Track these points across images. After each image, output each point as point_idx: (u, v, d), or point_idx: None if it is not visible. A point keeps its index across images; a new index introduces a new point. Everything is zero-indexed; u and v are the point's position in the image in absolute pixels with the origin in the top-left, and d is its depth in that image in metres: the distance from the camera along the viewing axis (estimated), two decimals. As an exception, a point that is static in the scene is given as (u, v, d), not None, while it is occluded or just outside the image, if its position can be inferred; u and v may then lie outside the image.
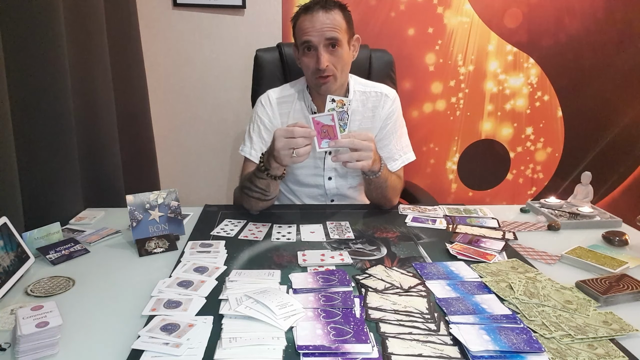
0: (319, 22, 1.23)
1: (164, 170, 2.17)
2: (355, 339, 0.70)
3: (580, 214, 1.28)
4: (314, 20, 1.24)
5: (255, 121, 1.41)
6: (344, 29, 1.27)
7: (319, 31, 1.23)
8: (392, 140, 1.41)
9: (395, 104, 1.42)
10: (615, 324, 0.77)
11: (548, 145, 2.36)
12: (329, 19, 1.24)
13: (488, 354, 0.68)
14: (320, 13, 1.24)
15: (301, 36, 1.27)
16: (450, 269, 0.97)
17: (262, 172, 1.17)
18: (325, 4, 1.25)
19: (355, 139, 1.11)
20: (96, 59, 1.49)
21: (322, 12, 1.24)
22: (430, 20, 2.12)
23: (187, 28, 2.06)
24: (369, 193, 1.34)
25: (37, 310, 0.72)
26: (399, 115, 1.44)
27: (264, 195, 1.22)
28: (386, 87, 1.44)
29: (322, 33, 1.23)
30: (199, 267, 0.94)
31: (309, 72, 1.30)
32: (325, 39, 1.24)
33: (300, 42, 1.28)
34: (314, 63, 1.26)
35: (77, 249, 1.04)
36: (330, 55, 1.26)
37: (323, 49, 1.24)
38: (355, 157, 1.12)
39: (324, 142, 1.10)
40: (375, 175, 1.23)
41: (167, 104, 2.15)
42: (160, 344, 0.69)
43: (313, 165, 1.41)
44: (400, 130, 1.43)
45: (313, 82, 1.31)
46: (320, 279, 0.90)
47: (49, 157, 1.22)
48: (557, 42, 2.20)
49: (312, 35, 1.24)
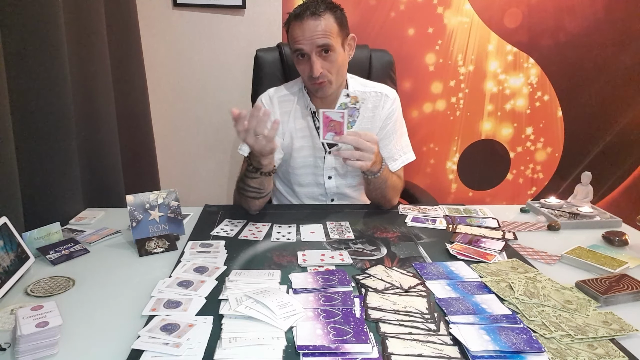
0: (309, 30, 1.22)
1: (164, 170, 2.17)
2: (355, 339, 0.70)
3: (580, 214, 1.28)
4: (304, 28, 1.22)
5: None
6: (335, 32, 1.25)
7: (310, 39, 1.22)
8: (392, 140, 1.41)
9: (395, 104, 1.42)
10: (615, 324, 0.77)
11: (548, 145, 2.36)
12: (319, 26, 1.22)
13: (488, 354, 0.68)
14: (310, 20, 1.22)
15: (293, 44, 1.27)
16: (450, 269, 0.97)
17: (253, 172, 1.18)
18: (315, 9, 1.22)
19: (359, 139, 1.12)
20: (96, 59, 1.49)
21: (312, 19, 1.22)
22: (430, 20, 2.12)
23: (187, 28, 2.06)
24: (369, 192, 1.34)
25: (37, 310, 0.72)
26: (399, 115, 1.44)
27: (258, 194, 1.23)
28: (386, 87, 1.44)
29: (313, 41, 1.22)
30: (199, 267, 0.94)
31: (305, 78, 1.31)
32: (316, 46, 1.23)
33: (293, 50, 1.28)
34: (308, 70, 1.26)
35: (77, 249, 1.04)
36: (324, 61, 1.25)
37: (315, 56, 1.24)
38: (356, 156, 1.13)
39: (329, 135, 1.12)
40: (374, 176, 1.23)
41: (167, 104, 2.15)
42: (160, 344, 0.69)
43: (313, 164, 1.41)
44: (400, 130, 1.43)
45: (309, 86, 1.33)
46: (320, 279, 0.90)
47: (49, 157, 1.22)
48: (557, 42, 2.20)
49: (303, 44, 1.23)
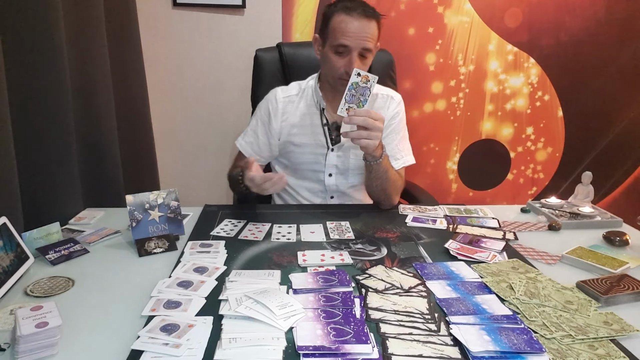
0: (359, 29, 1.22)
1: (164, 170, 2.17)
2: (356, 340, 0.70)
3: (580, 214, 1.27)
4: (356, 25, 1.22)
5: (256, 116, 1.45)
6: (376, 39, 1.27)
7: (359, 39, 1.22)
8: (395, 139, 1.42)
9: (400, 106, 1.45)
10: (616, 324, 0.77)
11: (548, 145, 2.36)
12: (369, 29, 1.23)
13: (488, 355, 0.68)
14: (364, 19, 1.22)
15: (338, 37, 1.24)
16: (450, 269, 0.96)
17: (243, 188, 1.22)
18: (367, 11, 1.23)
19: (368, 119, 1.13)
20: (96, 59, 1.49)
21: (365, 19, 1.22)
22: (430, 20, 2.12)
23: (187, 28, 2.06)
24: (370, 185, 1.34)
25: (36, 311, 0.72)
26: (403, 117, 1.46)
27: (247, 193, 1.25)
28: (392, 91, 1.48)
29: (361, 42, 1.23)
30: (198, 267, 0.94)
31: (335, 72, 1.29)
32: (361, 47, 1.23)
33: (336, 43, 1.25)
34: (344, 66, 1.26)
35: (77, 249, 1.04)
36: (360, 63, 1.26)
37: (357, 56, 1.24)
38: (364, 135, 1.15)
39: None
40: (376, 162, 1.24)
41: (167, 104, 2.15)
42: (160, 345, 0.69)
43: (314, 160, 1.42)
44: (403, 132, 1.46)
45: (335, 80, 1.32)
46: (320, 279, 0.90)
47: (49, 157, 1.22)
48: (557, 42, 2.20)
49: (350, 41, 1.23)
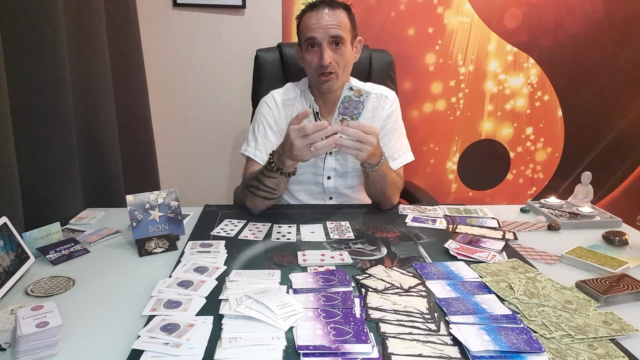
0: (324, 19, 1.25)
1: (164, 170, 2.17)
2: (356, 339, 0.70)
3: (580, 214, 1.28)
4: (320, 17, 1.26)
5: (261, 122, 1.40)
6: (348, 28, 1.28)
7: (324, 28, 1.25)
8: (392, 139, 1.41)
9: (394, 105, 1.43)
10: (616, 324, 0.77)
11: (548, 145, 2.36)
12: (334, 17, 1.26)
13: (488, 354, 0.68)
14: (326, 10, 1.26)
15: (305, 32, 1.28)
16: (450, 269, 0.97)
17: (273, 172, 1.18)
18: (331, 3, 1.27)
19: (360, 133, 1.12)
20: (96, 59, 1.49)
21: (328, 9, 1.26)
22: (430, 20, 2.12)
23: (187, 28, 2.06)
24: (368, 188, 1.34)
25: (37, 310, 0.72)
26: (398, 116, 1.45)
27: (271, 194, 1.23)
28: (386, 89, 1.46)
29: (327, 30, 1.25)
30: (199, 267, 0.94)
31: (311, 69, 1.31)
32: (329, 36, 1.25)
33: (305, 39, 1.29)
34: (317, 60, 1.27)
35: (77, 249, 1.04)
36: (334, 53, 1.27)
37: (327, 45, 1.26)
38: (356, 146, 1.14)
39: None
40: (373, 169, 1.23)
41: (167, 104, 2.15)
42: (160, 344, 0.69)
43: (313, 164, 1.41)
44: (399, 130, 1.44)
45: (315, 79, 1.32)
46: (320, 279, 0.90)
47: (49, 157, 1.22)
48: (557, 42, 2.20)
49: (316, 32, 1.26)
